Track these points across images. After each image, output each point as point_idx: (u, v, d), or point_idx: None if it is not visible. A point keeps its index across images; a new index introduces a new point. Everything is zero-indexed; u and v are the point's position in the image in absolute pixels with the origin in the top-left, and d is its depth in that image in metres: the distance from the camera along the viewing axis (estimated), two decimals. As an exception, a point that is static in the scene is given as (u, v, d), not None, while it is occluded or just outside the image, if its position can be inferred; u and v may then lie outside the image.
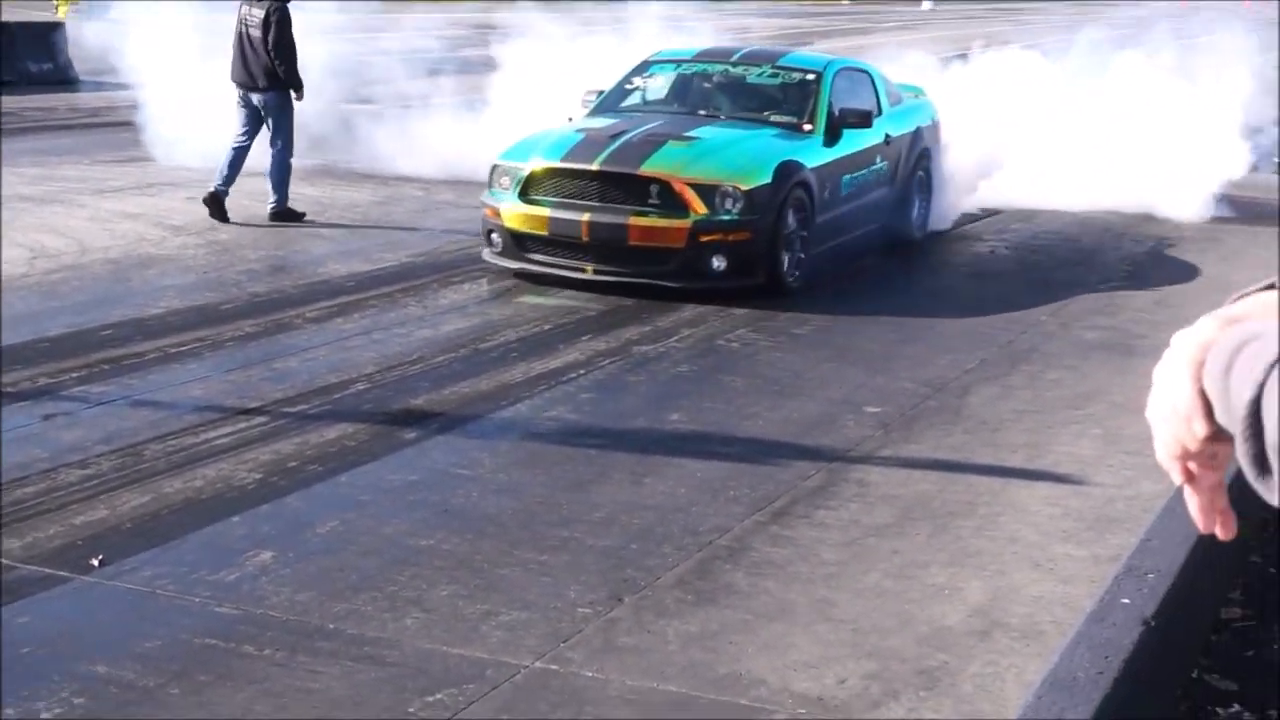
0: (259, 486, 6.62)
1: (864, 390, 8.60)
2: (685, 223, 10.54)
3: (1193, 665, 4.93)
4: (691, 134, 11.32)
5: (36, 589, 5.49)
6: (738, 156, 10.99)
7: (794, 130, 11.75)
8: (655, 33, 16.89)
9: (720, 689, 4.91)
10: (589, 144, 11.11)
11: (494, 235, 11.14)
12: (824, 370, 9.02)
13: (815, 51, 12.48)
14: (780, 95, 12.36)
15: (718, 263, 10.55)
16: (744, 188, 10.62)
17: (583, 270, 10.76)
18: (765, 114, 12.09)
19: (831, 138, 11.72)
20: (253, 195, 13.69)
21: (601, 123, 11.80)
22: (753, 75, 12.60)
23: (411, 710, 4.69)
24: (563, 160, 10.97)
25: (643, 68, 13.02)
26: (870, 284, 11.92)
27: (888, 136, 12.63)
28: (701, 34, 18.56)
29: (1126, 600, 4.61)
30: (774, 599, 5.63)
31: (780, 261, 10.84)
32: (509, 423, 7.74)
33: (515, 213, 10.89)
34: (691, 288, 10.61)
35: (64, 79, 23.81)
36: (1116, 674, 4.13)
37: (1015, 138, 15.62)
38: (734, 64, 12.80)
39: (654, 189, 10.68)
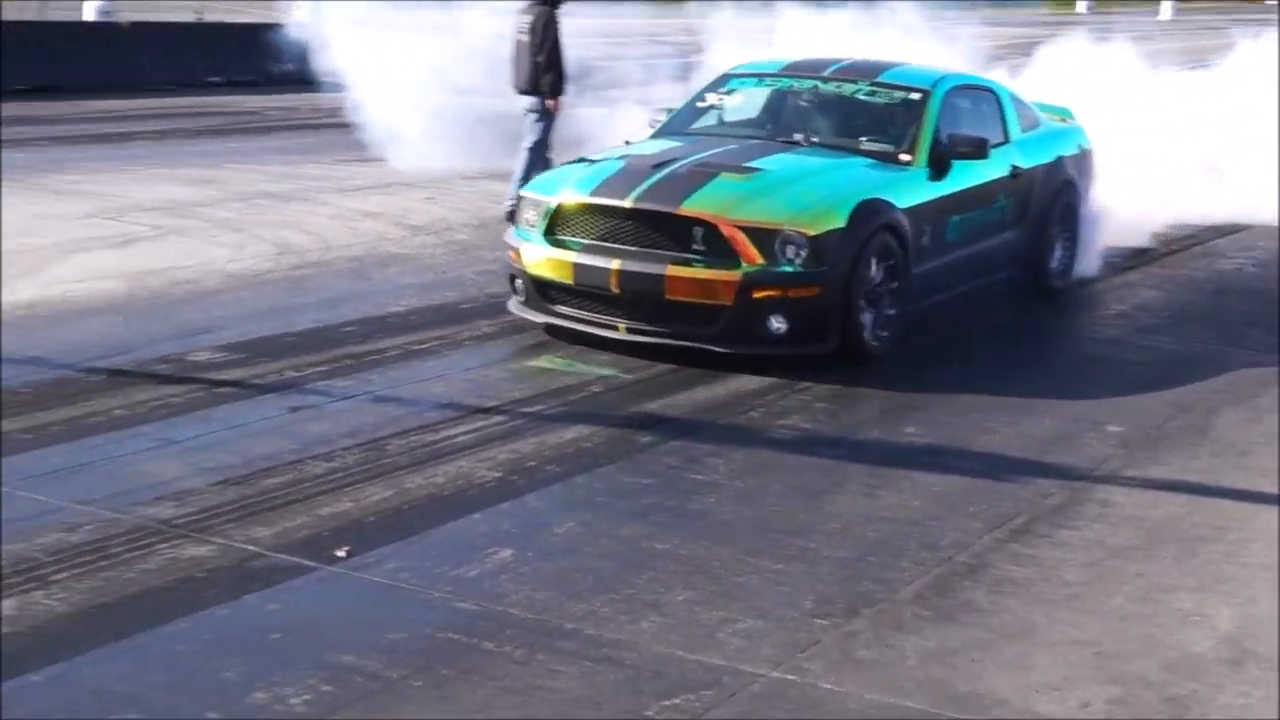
0: (498, 485, 6.71)
1: (1104, 408, 8.39)
2: (735, 274, 8.65)
3: None
4: (753, 164, 9.37)
5: (286, 577, 5.63)
6: (806, 194, 9.02)
7: (889, 161, 9.75)
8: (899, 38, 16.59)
9: (961, 707, 4.83)
10: (627, 174, 9.25)
11: (518, 282, 9.46)
12: (1062, 385, 8.83)
13: (932, 66, 10.73)
14: (878, 117, 10.31)
15: (776, 324, 8.68)
16: (810, 232, 8.66)
17: (615, 328, 8.99)
18: (859, 140, 10.05)
19: (937, 170, 9.75)
20: (489, 196, 13.91)
21: (655, 148, 9.91)
22: (848, 93, 10.52)
23: (650, 713, 4.70)
24: (593, 194, 9.15)
25: (720, 82, 11.12)
26: (1112, 298, 11.65)
27: (1015, 169, 10.58)
28: (960, 39, 18.27)
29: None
30: (1015, 618, 5.53)
31: (859, 321, 8.90)
32: (744, 430, 7.73)
33: (538, 256, 9.20)
34: (743, 354, 8.78)
35: (304, 79, 24.38)
36: (1384, 712, 3.97)
37: (1246, 142, 15.11)
38: (825, 79, 10.64)
39: (699, 232, 8.80)
